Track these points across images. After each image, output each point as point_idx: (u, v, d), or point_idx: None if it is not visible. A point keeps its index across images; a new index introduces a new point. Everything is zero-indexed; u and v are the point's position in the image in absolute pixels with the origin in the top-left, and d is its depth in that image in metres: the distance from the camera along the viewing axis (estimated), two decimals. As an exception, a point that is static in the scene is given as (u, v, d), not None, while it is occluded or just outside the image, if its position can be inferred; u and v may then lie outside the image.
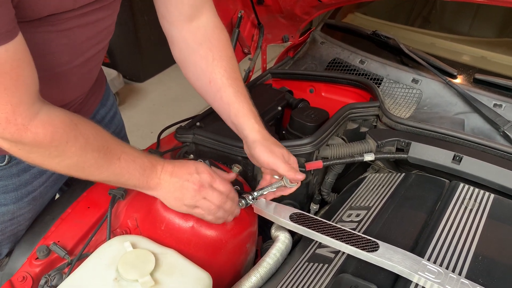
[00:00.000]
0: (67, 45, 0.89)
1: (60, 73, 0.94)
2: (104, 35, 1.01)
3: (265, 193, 1.07)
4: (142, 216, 1.03)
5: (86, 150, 0.81)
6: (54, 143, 0.77)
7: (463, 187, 1.13)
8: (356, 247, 0.92)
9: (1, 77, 0.69)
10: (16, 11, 0.70)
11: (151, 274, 0.84)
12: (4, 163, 1.01)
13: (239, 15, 1.71)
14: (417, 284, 0.85)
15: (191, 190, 0.93)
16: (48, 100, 0.80)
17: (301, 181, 1.26)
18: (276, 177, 1.07)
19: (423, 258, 0.89)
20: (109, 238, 0.98)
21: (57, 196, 1.29)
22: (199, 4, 1.03)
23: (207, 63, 1.04)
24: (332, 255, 0.97)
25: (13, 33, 0.70)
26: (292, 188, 1.07)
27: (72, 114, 0.82)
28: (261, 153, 1.00)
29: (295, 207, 1.29)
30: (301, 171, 1.21)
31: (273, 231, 1.11)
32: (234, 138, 1.22)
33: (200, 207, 0.95)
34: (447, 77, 1.46)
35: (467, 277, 0.86)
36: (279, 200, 1.27)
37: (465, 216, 1.04)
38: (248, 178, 1.27)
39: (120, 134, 1.43)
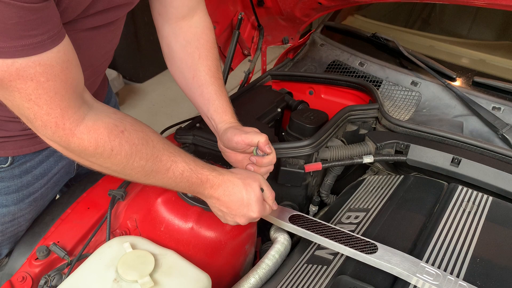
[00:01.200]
0: (78, 55, 0.90)
1: None
2: (112, 46, 1.04)
3: None
4: (141, 217, 1.03)
5: (132, 158, 0.80)
6: (98, 150, 0.76)
7: (462, 189, 1.14)
8: (355, 249, 0.92)
9: (52, 81, 0.69)
10: None
11: (151, 275, 0.84)
12: (7, 164, 1.01)
13: (239, 17, 1.72)
14: (415, 286, 0.85)
15: (235, 221, 0.94)
16: None
17: (301, 183, 1.26)
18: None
19: (421, 260, 0.89)
20: (109, 239, 0.98)
21: (57, 197, 1.29)
22: (194, 6, 1.07)
23: (193, 60, 1.07)
24: (331, 257, 0.97)
25: (62, 33, 0.71)
26: (264, 159, 1.02)
27: (119, 119, 0.81)
28: (234, 133, 1.00)
29: (294, 208, 1.30)
30: (300, 172, 1.22)
31: (272, 233, 1.11)
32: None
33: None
34: (446, 80, 1.47)
35: (465, 279, 0.87)
36: (278, 201, 1.27)
37: (464, 219, 1.04)
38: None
39: None
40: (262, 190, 0.95)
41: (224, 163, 1.25)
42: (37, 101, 0.69)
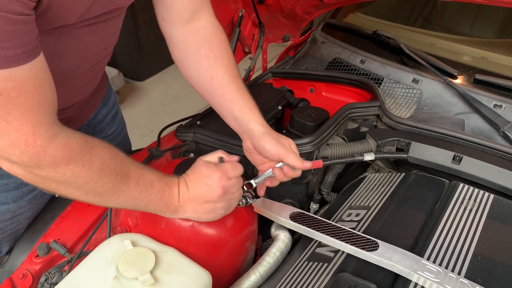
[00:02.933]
0: (75, 52, 0.90)
1: (67, 78, 0.95)
2: (111, 41, 1.02)
3: (263, 179, 1.06)
4: (142, 214, 1.03)
5: (103, 174, 0.79)
6: (70, 166, 0.75)
7: (463, 187, 1.13)
8: (356, 247, 0.92)
9: (23, 97, 0.67)
10: (36, 21, 0.69)
11: (151, 272, 0.84)
12: None
13: (240, 14, 1.71)
14: (416, 284, 0.85)
15: (216, 197, 0.92)
16: None
17: (302, 180, 1.26)
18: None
19: (422, 257, 0.89)
20: (109, 236, 0.98)
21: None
22: (199, 8, 1.05)
23: (208, 62, 1.05)
24: (332, 254, 0.97)
25: (37, 51, 0.69)
26: (294, 173, 1.04)
27: (88, 137, 0.80)
28: (271, 144, 1.00)
29: (295, 206, 1.29)
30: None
31: (273, 230, 1.11)
32: (234, 137, 1.22)
33: (232, 199, 0.97)
34: (448, 78, 1.46)
35: (466, 276, 0.87)
36: (279, 199, 1.27)
37: (465, 216, 1.04)
38: (248, 178, 1.27)
39: (121, 133, 1.43)
40: (221, 160, 0.96)
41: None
42: (6, 116, 0.66)
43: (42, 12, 0.70)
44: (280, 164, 1.03)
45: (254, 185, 1.07)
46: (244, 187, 1.05)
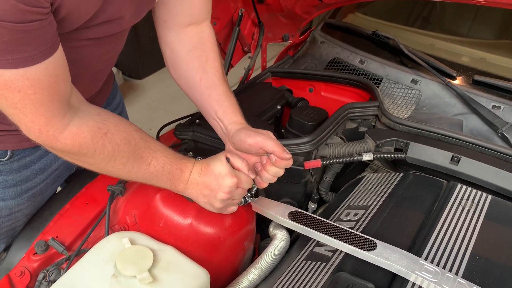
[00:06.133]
0: (78, 61, 0.90)
1: None
2: (115, 52, 1.04)
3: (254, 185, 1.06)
4: (140, 212, 1.03)
5: (114, 158, 0.84)
6: (82, 151, 0.80)
7: (461, 187, 1.14)
8: (354, 246, 0.92)
9: (39, 94, 0.71)
10: None
11: (149, 270, 0.84)
12: (6, 158, 1.01)
13: (240, 13, 1.71)
14: (414, 283, 0.85)
15: (219, 196, 0.95)
16: None
17: (300, 180, 1.26)
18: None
19: (420, 257, 0.89)
20: (108, 234, 0.98)
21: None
22: (205, 16, 1.09)
23: (200, 63, 1.07)
24: (330, 254, 0.97)
25: (55, 46, 0.72)
26: (282, 162, 1.01)
27: (103, 122, 0.83)
28: (247, 134, 0.99)
29: (293, 205, 1.29)
30: (299, 169, 1.22)
31: (271, 229, 1.11)
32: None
33: (229, 205, 1.00)
34: (447, 78, 1.47)
35: (463, 276, 0.87)
36: (277, 198, 1.27)
37: (463, 217, 1.04)
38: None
39: None
40: (228, 159, 0.97)
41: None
42: (23, 109, 0.72)
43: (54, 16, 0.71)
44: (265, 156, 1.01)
45: (249, 200, 1.08)
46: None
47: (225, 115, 1.05)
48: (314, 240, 1.03)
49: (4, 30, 0.62)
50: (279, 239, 1.07)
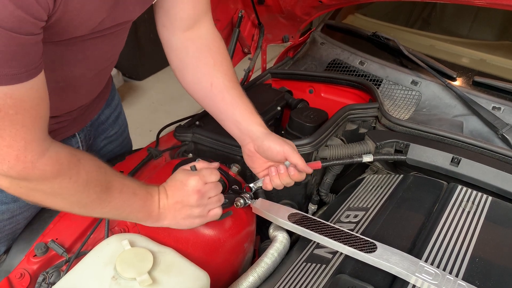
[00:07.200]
0: (82, 60, 0.90)
1: (72, 85, 0.95)
2: (117, 50, 1.03)
3: (261, 184, 1.07)
4: (140, 214, 1.03)
5: (88, 186, 0.81)
6: (58, 179, 0.76)
7: (461, 189, 1.14)
8: (354, 248, 0.92)
9: (21, 114, 0.67)
10: (44, 33, 0.69)
11: (149, 272, 0.84)
12: None
13: (240, 15, 1.71)
14: (414, 286, 0.85)
15: (193, 201, 0.94)
16: (58, 108, 0.79)
17: (300, 181, 1.26)
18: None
19: (420, 259, 0.89)
20: (107, 236, 0.98)
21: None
22: (200, 17, 1.06)
23: (208, 68, 1.06)
24: (330, 256, 0.97)
25: (39, 68, 0.69)
26: (300, 175, 1.05)
27: (75, 150, 0.82)
28: (276, 143, 1.01)
29: (293, 207, 1.29)
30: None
31: (271, 231, 1.11)
32: (233, 137, 1.22)
33: (209, 204, 0.97)
34: (447, 79, 1.47)
35: (464, 279, 0.87)
36: (277, 200, 1.27)
37: (463, 218, 1.04)
38: (246, 178, 1.28)
39: (123, 134, 1.44)
40: (193, 168, 0.97)
41: (223, 162, 1.24)
42: (1, 132, 0.67)
43: (51, 26, 0.70)
44: (288, 163, 1.04)
45: (253, 189, 1.08)
46: (244, 189, 1.07)
47: (243, 117, 1.05)
48: (314, 242, 1.03)
49: (1, 38, 0.59)
50: (279, 241, 1.07)
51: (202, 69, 1.06)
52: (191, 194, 0.93)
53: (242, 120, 1.05)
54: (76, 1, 0.70)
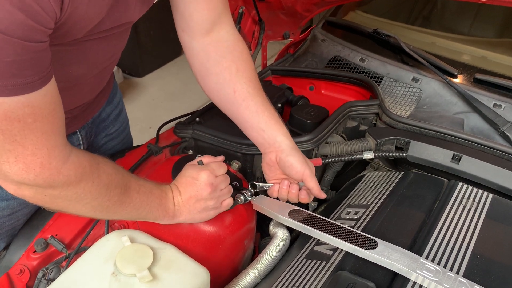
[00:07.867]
0: (84, 60, 0.90)
1: (74, 84, 0.96)
2: (119, 49, 1.03)
3: (269, 186, 1.08)
4: (140, 210, 1.03)
5: (109, 188, 0.82)
6: (81, 184, 0.77)
7: (462, 186, 1.13)
8: (355, 245, 0.92)
9: (39, 122, 0.67)
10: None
11: (149, 268, 0.83)
12: None
13: (240, 11, 1.71)
14: (415, 282, 0.85)
15: (206, 194, 0.95)
16: None
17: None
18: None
19: (421, 256, 0.89)
20: (107, 232, 0.98)
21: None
22: (218, 19, 1.04)
23: (230, 74, 1.04)
24: (330, 252, 0.97)
25: (51, 74, 0.70)
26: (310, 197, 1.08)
27: (93, 154, 0.82)
28: (299, 162, 1.02)
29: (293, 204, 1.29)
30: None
31: (271, 228, 1.11)
32: (233, 134, 1.22)
33: (221, 196, 0.99)
34: (447, 77, 1.46)
35: (464, 275, 0.87)
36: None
37: (464, 215, 1.04)
38: (247, 175, 1.27)
39: (124, 131, 1.44)
40: (200, 163, 1.00)
41: (226, 160, 1.24)
42: (23, 141, 0.67)
43: (54, 30, 0.70)
44: (302, 184, 1.05)
45: (257, 187, 1.08)
46: (249, 186, 1.07)
47: (269, 125, 1.04)
48: (315, 238, 1.03)
49: (12, 47, 0.59)
50: (280, 238, 1.06)
51: (225, 75, 1.04)
52: (204, 188, 0.95)
53: (267, 129, 1.03)
54: (81, 8, 0.70)
